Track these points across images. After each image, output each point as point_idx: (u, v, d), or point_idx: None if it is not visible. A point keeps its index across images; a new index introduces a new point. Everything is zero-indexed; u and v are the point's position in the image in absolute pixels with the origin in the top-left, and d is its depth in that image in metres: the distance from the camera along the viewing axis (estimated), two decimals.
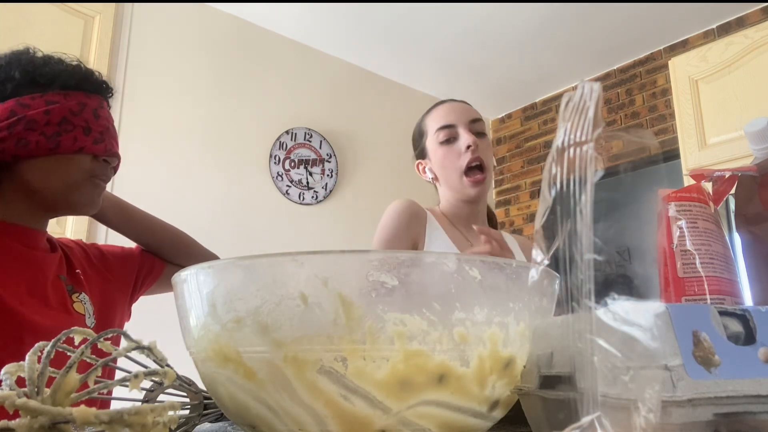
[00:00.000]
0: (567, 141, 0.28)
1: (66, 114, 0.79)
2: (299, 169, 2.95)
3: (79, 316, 0.85)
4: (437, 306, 0.34)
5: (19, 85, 0.79)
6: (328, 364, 0.33)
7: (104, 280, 0.94)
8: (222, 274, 0.37)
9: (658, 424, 0.25)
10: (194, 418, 0.47)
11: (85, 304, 0.87)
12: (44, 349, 0.34)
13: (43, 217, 0.86)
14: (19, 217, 0.83)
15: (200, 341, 0.38)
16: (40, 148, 0.78)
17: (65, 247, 0.92)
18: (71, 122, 0.80)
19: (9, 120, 0.77)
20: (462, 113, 1.21)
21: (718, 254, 0.54)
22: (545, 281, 0.39)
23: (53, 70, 0.81)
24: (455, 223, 1.23)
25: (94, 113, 0.82)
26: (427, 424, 0.35)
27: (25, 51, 0.83)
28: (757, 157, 0.60)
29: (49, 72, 0.81)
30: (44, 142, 0.78)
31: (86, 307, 0.87)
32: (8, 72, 0.79)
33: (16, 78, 0.79)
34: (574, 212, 0.26)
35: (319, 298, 0.33)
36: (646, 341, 0.26)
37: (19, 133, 0.77)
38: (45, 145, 0.78)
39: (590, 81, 0.29)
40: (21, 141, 0.77)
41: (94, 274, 0.93)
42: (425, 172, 1.27)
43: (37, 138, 0.77)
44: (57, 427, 0.29)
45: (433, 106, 1.28)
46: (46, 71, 0.81)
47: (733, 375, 0.26)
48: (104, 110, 0.85)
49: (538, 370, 0.35)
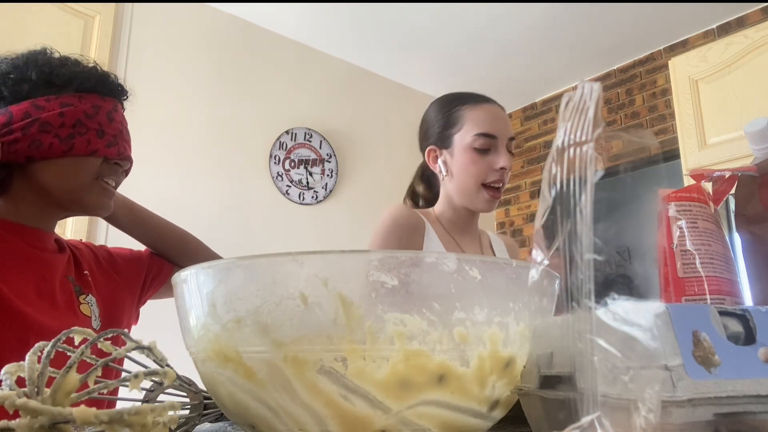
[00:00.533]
0: (567, 141, 0.28)
1: (80, 116, 0.80)
2: (299, 169, 2.95)
3: (85, 318, 0.85)
4: (437, 306, 0.34)
5: (35, 85, 0.79)
6: (328, 364, 0.33)
7: (112, 282, 0.94)
8: (222, 274, 0.37)
9: (658, 424, 0.25)
10: (194, 418, 0.47)
11: (91, 306, 0.87)
12: (44, 349, 0.34)
13: (53, 218, 0.86)
14: (28, 218, 0.83)
15: (200, 341, 0.38)
16: (54, 150, 0.78)
17: (74, 248, 0.92)
18: (85, 125, 0.80)
19: (23, 121, 0.77)
20: (505, 127, 1.16)
21: (718, 254, 0.54)
22: (545, 281, 0.39)
23: (70, 72, 0.81)
24: (449, 228, 1.20)
25: (108, 116, 0.83)
26: (427, 424, 0.35)
27: (42, 51, 0.83)
28: (757, 157, 0.60)
29: (65, 73, 0.81)
30: (58, 144, 0.78)
31: (93, 309, 0.87)
32: (24, 72, 0.80)
33: (32, 79, 0.79)
34: (574, 212, 0.26)
35: (319, 298, 0.33)
36: (646, 341, 0.26)
37: (33, 134, 0.77)
38: (59, 147, 0.78)
39: (590, 81, 0.29)
40: (35, 142, 0.78)
41: (101, 276, 0.93)
42: (436, 162, 1.19)
43: (50, 140, 0.78)
44: (57, 427, 0.29)
45: (477, 99, 1.18)
46: (63, 72, 0.81)
47: (733, 375, 0.26)
48: (118, 113, 0.85)
49: (538, 370, 0.35)
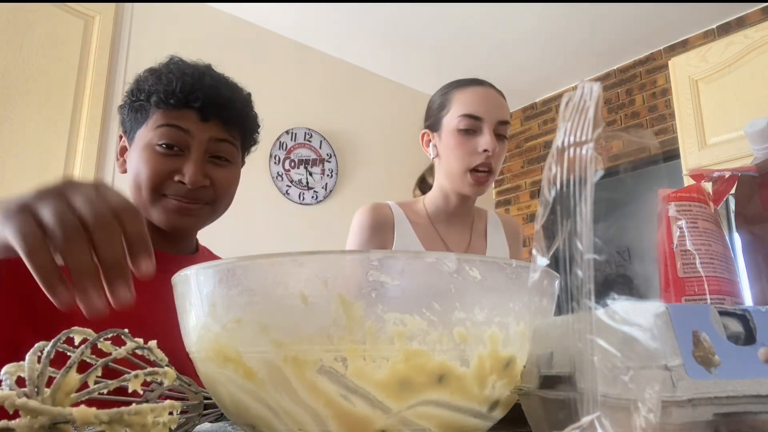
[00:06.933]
0: (567, 141, 0.28)
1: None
2: (299, 169, 2.95)
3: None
4: (437, 306, 0.34)
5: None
6: (328, 364, 0.33)
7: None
8: (222, 275, 0.37)
9: (658, 424, 0.25)
10: (194, 418, 0.47)
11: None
12: (44, 349, 0.34)
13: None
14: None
15: (200, 341, 0.38)
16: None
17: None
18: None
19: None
20: (494, 110, 1.12)
21: (718, 254, 0.54)
22: (545, 281, 0.39)
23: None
24: (435, 215, 1.18)
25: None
26: (427, 424, 0.35)
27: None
28: (757, 157, 0.60)
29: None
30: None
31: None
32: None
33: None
34: (574, 212, 0.26)
35: (319, 298, 0.33)
36: (646, 341, 0.26)
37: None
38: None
39: (590, 81, 0.29)
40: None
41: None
42: (428, 145, 1.19)
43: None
44: (57, 427, 0.29)
45: (467, 82, 1.17)
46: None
47: (733, 375, 0.26)
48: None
49: (538, 370, 0.35)
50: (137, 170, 0.81)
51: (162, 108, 0.80)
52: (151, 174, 0.79)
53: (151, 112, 0.81)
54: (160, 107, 0.80)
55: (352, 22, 2.93)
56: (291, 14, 2.85)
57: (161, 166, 0.80)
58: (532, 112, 3.77)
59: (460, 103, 1.13)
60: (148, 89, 0.81)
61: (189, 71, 0.82)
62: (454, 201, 1.18)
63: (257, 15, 2.86)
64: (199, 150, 0.81)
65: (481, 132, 1.11)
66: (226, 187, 0.86)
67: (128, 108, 0.84)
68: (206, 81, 0.82)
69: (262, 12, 2.83)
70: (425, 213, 1.19)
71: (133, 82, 0.85)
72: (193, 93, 0.80)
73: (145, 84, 0.82)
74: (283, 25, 2.94)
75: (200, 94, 0.80)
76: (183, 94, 0.80)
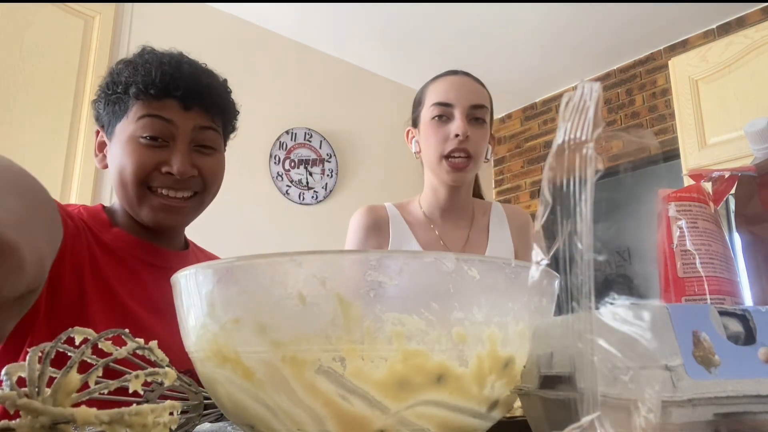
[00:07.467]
0: (567, 141, 0.28)
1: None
2: (299, 169, 2.95)
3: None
4: (436, 306, 0.34)
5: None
6: (326, 364, 0.33)
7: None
8: (221, 274, 0.37)
9: (658, 424, 0.25)
10: (194, 418, 0.47)
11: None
12: (45, 350, 0.34)
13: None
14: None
15: (199, 341, 0.38)
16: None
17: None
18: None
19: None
20: (464, 95, 1.11)
21: (718, 254, 0.54)
22: (545, 281, 0.39)
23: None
24: (430, 211, 1.18)
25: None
26: (426, 424, 0.35)
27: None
28: (757, 157, 0.60)
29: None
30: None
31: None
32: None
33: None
34: (574, 212, 0.26)
35: (317, 298, 0.33)
36: (646, 341, 0.26)
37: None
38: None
39: (590, 81, 0.29)
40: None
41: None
42: (411, 142, 1.20)
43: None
44: (57, 427, 0.29)
45: (440, 75, 1.18)
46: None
47: (733, 375, 0.26)
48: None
49: (538, 370, 0.35)
50: (121, 164, 0.79)
51: (142, 99, 0.78)
52: (136, 167, 0.77)
53: (130, 104, 0.79)
54: (139, 98, 0.78)
55: (352, 22, 2.93)
56: (291, 14, 2.85)
57: (146, 158, 0.78)
58: (532, 112, 3.77)
59: (431, 94, 1.15)
60: (125, 81, 0.79)
61: (166, 60, 0.80)
62: (444, 194, 1.17)
63: (257, 15, 2.86)
64: (185, 139, 0.80)
65: (452, 118, 1.11)
66: (214, 175, 0.85)
67: (104, 102, 0.82)
68: (185, 69, 0.81)
69: (262, 12, 2.83)
70: (421, 212, 1.19)
71: (107, 75, 0.83)
72: (173, 82, 0.78)
73: (120, 76, 0.80)
74: (283, 25, 2.94)
75: (180, 83, 0.78)
76: (163, 84, 0.78)
